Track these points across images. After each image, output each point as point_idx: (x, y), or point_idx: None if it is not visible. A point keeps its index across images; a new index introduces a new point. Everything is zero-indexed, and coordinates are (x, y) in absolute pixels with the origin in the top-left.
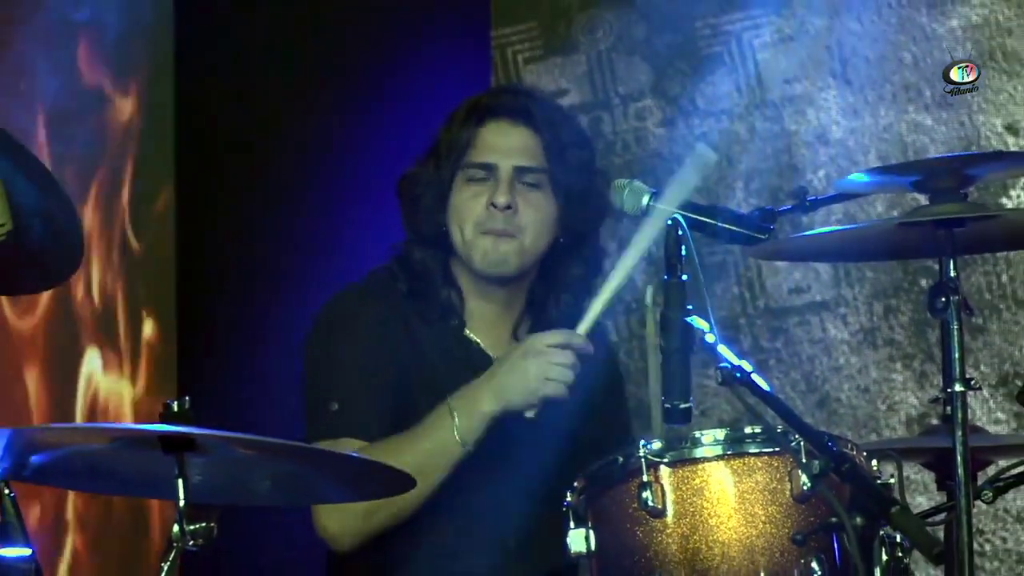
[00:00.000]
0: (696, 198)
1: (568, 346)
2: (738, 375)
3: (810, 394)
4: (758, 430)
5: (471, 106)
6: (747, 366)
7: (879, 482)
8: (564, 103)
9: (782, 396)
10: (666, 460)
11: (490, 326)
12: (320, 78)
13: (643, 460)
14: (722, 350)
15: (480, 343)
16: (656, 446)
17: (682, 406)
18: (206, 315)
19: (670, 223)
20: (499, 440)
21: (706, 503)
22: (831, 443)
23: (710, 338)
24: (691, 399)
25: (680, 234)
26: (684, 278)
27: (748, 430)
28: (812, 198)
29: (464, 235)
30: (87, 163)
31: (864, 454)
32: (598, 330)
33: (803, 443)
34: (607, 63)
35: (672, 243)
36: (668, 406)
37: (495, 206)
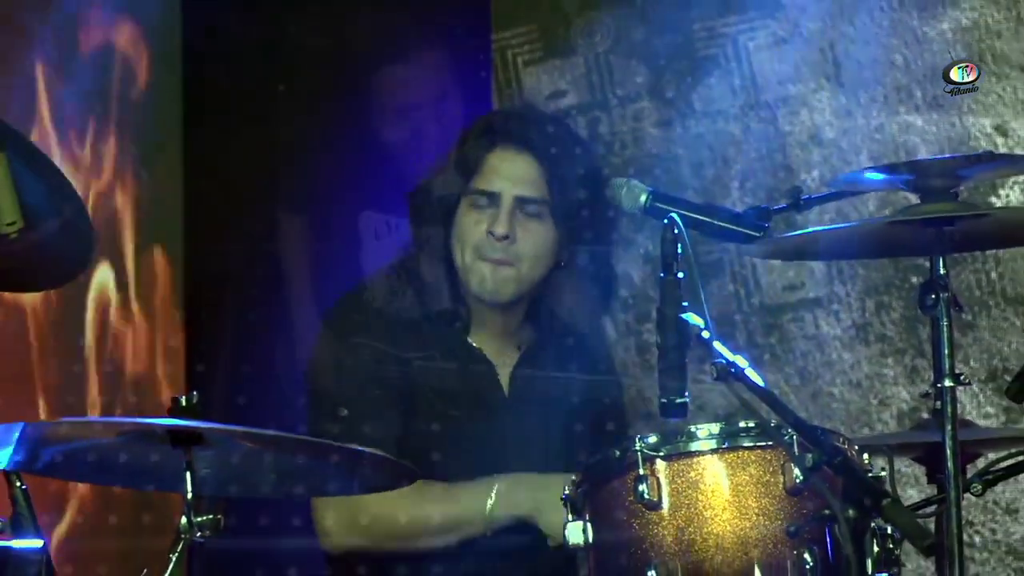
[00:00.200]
0: (692, 197)
1: None
2: (733, 370)
3: (803, 389)
4: (752, 424)
5: (483, 127)
6: (742, 362)
7: (871, 475)
8: (562, 104)
9: (776, 391)
10: (662, 454)
11: (492, 334)
12: (321, 79)
13: (639, 454)
14: (717, 346)
15: (482, 349)
16: (652, 440)
17: (678, 401)
18: (215, 310)
19: (667, 222)
20: (500, 448)
21: (701, 496)
22: (824, 437)
23: (706, 334)
24: (687, 394)
25: (676, 233)
26: (680, 276)
27: (742, 424)
28: (806, 197)
29: (464, 258)
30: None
31: (856, 447)
32: (598, 338)
33: (796, 437)
34: (605, 65)
35: (669, 242)
36: (665, 401)
37: (493, 235)
